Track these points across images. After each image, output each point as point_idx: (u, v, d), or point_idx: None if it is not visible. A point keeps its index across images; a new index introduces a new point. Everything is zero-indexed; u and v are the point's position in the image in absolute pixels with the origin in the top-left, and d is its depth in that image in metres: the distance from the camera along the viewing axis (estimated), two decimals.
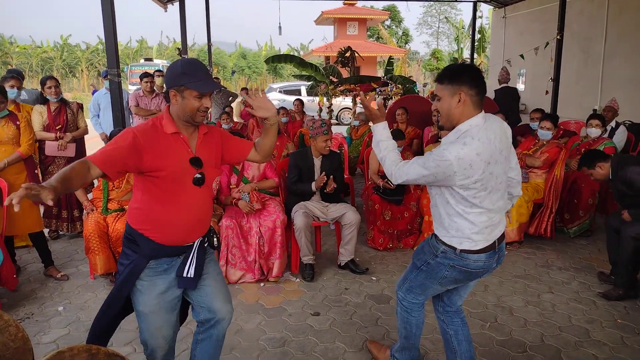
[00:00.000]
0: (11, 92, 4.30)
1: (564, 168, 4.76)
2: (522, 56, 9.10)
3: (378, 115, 2.30)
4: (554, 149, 4.79)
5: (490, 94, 13.69)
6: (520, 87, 12.19)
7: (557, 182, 4.73)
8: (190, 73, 1.93)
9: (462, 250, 2.11)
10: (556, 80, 7.76)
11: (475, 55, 15.17)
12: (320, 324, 3.24)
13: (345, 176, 6.15)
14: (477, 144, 1.96)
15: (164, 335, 2.13)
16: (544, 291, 3.75)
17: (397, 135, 4.39)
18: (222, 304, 2.20)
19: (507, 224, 4.48)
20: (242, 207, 3.91)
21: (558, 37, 7.63)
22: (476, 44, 15.34)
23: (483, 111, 2.06)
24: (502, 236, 2.20)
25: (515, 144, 5.35)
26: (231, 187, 4.15)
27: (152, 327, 2.10)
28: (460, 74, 2.01)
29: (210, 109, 8.47)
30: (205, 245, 2.17)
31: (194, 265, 2.08)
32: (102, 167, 1.85)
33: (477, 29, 15.41)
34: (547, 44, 8.32)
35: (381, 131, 2.28)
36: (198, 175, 2.02)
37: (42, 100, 4.54)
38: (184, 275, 2.07)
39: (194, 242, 2.11)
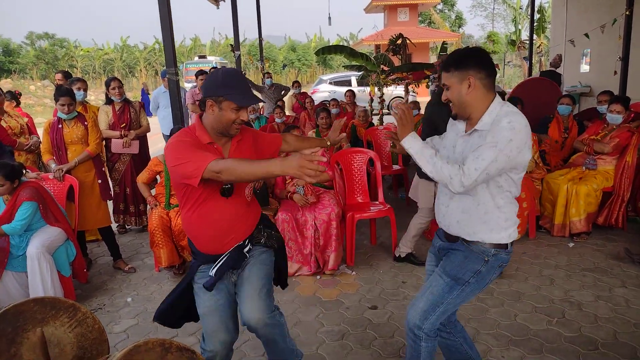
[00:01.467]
0: (78, 94, 4.55)
1: (636, 154, 4.44)
2: (587, 35, 8.56)
3: (403, 129, 2.02)
4: (625, 133, 4.49)
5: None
6: (585, 67, 11.50)
7: (629, 168, 4.43)
8: (231, 85, 1.90)
9: (510, 244, 2.00)
10: (625, 59, 7.24)
11: (535, 37, 14.46)
12: (379, 317, 3.22)
13: (399, 167, 6.08)
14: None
15: (220, 340, 2.12)
16: (616, 285, 3.54)
17: None
18: (249, 311, 2.08)
19: (573, 215, 4.21)
20: (297, 201, 3.94)
21: (627, 12, 7.10)
22: (535, 24, 14.60)
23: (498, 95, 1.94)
24: None
25: (583, 128, 5.07)
26: (286, 181, 4.19)
27: (209, 330, 2.12)
28: (466, 59, 1.90)
29: (262, 104, 8.55)
30: (245, 250, 2.12)
31: (218, 266, 2.05)
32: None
33: (536, 8, 14.64)
34: (615, 20, 7.77)
35: (413, 144, 1.99)
36: (226, 186, 2.00)
37: (107, 100, 4.77)
38: (209, 273, 2.06)
39: (242, 243, 2.10)
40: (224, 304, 2.13)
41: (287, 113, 7.92)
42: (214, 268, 2.05)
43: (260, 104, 8.26)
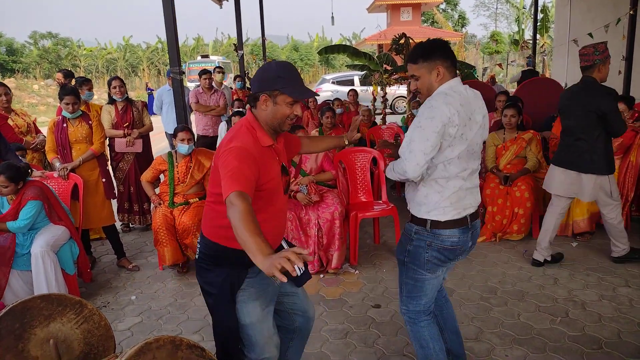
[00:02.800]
0: (88, 95, 4.58)
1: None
2: (590, 35, 8.52)
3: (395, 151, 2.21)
4: (628, 133, 4.47)
5: (557, 77, 12.98)
6: None
7: (632, 168, 4.43)
8: (287, 77, 1.82)
9: (432, 224, 2.08)
10: (629, 59, 7.23)
11: (538, 36, 14.43)
12: (382, 316, 3.23)
13: None
14: (458, 97, 1.99)
15: (275, 343, 2.02)
16: (620, 285, 3.54)
17: None
18: (310, 304, 2.21)
19: (577, 214, 4.17)
20: (300, 200, 3.95)
21: (631, 12, 7.09)
22: (539, 24, 14.58)
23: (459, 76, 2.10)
24: (476, 214, 2.18)
25: None
26: (290, 180, 4.20)
27: (265, 336, 1.96)
28: (433, 50, 2.04)
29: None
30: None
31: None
32: (251, 194, 1.71)
33: (539, 8, 14.60)
34: (619, 20, 7.75)
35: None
36: (287, 182, 2.01)
37: (110, 99, 4.79)
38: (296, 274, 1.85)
39: (281, 243, 2.02)
40: (271, 304, 2.02)
41: None
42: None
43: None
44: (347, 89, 10.53)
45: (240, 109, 6.01)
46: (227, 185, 1.66)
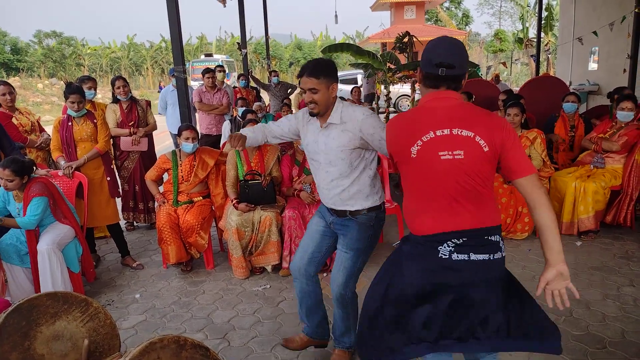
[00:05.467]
0: (89, 94, 4.59)
1: None
2: (595, 33, 8.52)
3: None
4: (633, 131, 4.46)
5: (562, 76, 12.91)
6: (593, 65, 11.43)
7: (637, 167, 4.41)
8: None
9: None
10: (634, 57, 7.20)
11: (542, 35, 14.38)
12: None
13: None
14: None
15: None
16: (624, 284, 3.53)
17: None
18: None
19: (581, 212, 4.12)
20: (304, 198, 3.95)
21: (636, 10, 7.05)
22: (543, 22, 14.52)
23: None
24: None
25: (589, 126, 5.04)
26: (293, 179, 4.20)
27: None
28: (330, 69, 2.33)
29: (269, 102, 8.55)
30: None
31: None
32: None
33: (544, 6, 14.55)
34: (624, 18, 7.73)
35: None
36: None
37: (114, 99, 4.81)
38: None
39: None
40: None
41: (294, 110, 7.93)
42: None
43: (267, 102, 8.29)
44: (350, 87, 10.52)
45: (244, 107, 6.00)
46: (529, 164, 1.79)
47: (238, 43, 9.99)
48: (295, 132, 2.59)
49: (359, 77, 17.34)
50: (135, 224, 5.19)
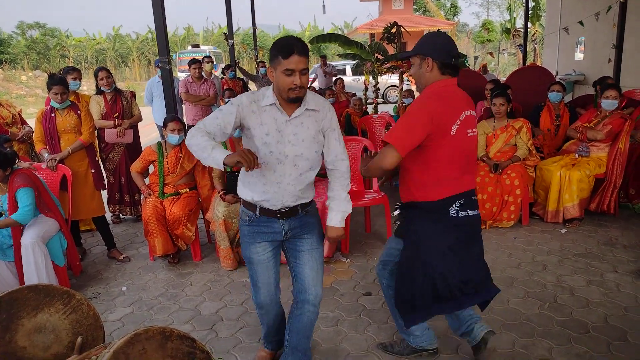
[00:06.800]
0: (73, 84, 4.52)
1: (628, 140, 4.47)
2: (581, 23, 8.56)
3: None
4: (617, 120, 4.51)
5: (554, 65, 12.98)
6: (579, 55, 11.52)
7: (621, 155, 4.46)
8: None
9: None
10: (619, 47, 7.26)
11: (530, 25, 14.43)
12: (373, 303, 3.25)
13: None
14: None
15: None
16: (608, 270, 3.58)
17: None
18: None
19: (567, 200, 4.22)
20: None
21: (622, 0, 7.10)
22: (530, 12, 14.57)
23: None
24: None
25: (574, 115, 5.09)
26: None
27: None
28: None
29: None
30: None
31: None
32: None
33: None
34: (610, 8, 7.78)
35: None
36: None
37: (98, 90, 4.74)
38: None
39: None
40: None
41: None
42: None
43: None
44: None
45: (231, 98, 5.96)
46: None
47: (225, 34, 9.90)
48: (228, 129, 2.07)
49: (348, 68, 17.29)
50: (121, 216, 5.15)
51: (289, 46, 1.94)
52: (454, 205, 2.15)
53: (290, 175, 2.14)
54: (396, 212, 2.32)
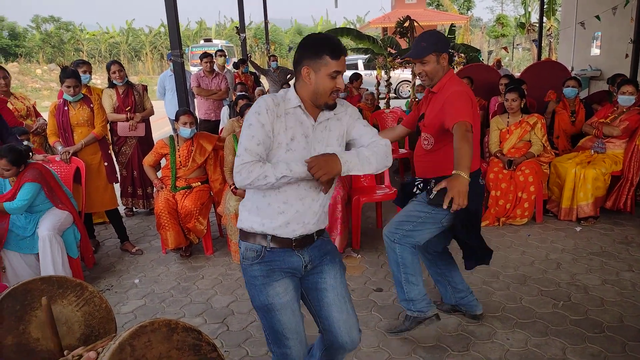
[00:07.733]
0: (84, 78, 4.54)
1: None
2: (598, 17, 8.41)
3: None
4: (634, 116, 4.43)
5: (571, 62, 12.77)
6: (595, 51, 11.32)
7: (638, 152, 4.38)
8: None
9: None
10: (637, 42, 7.11)
11: (545, 19, 14.22)
12: (383, 299, 3.24)
13: (406, 151, 6.04)
14: None
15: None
16: (623, 269, 3.52)
17: None
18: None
19: (581, 199, 4.22)
20: None
21: None
22: (545, 6, 14.34)
23: None
24: None
25: (590, 111, 5.00)
26: None
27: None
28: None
29: (268, 87, 8.48)
30: None
31: None
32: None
33: None
34: (627, 2, 7.63)
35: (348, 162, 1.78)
36: None
37: (110, 84, 4.76)
38: None
39: None
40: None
41: None
42: None
43: (266, 87, 8.24)
44: (351, 72, 10.45)
45: (244, 93, 5.96)
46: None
47: (237, 27, 9.89)
48: (269, 140, 1.75)
49: (360, 63, 17.19)
50: (134, 209, 5.18)
51: (338, 46, 1.73)
52: (480, 176, 2.67)
53: (315, 188, 1.80)
54: (441, 186, 2.15)
